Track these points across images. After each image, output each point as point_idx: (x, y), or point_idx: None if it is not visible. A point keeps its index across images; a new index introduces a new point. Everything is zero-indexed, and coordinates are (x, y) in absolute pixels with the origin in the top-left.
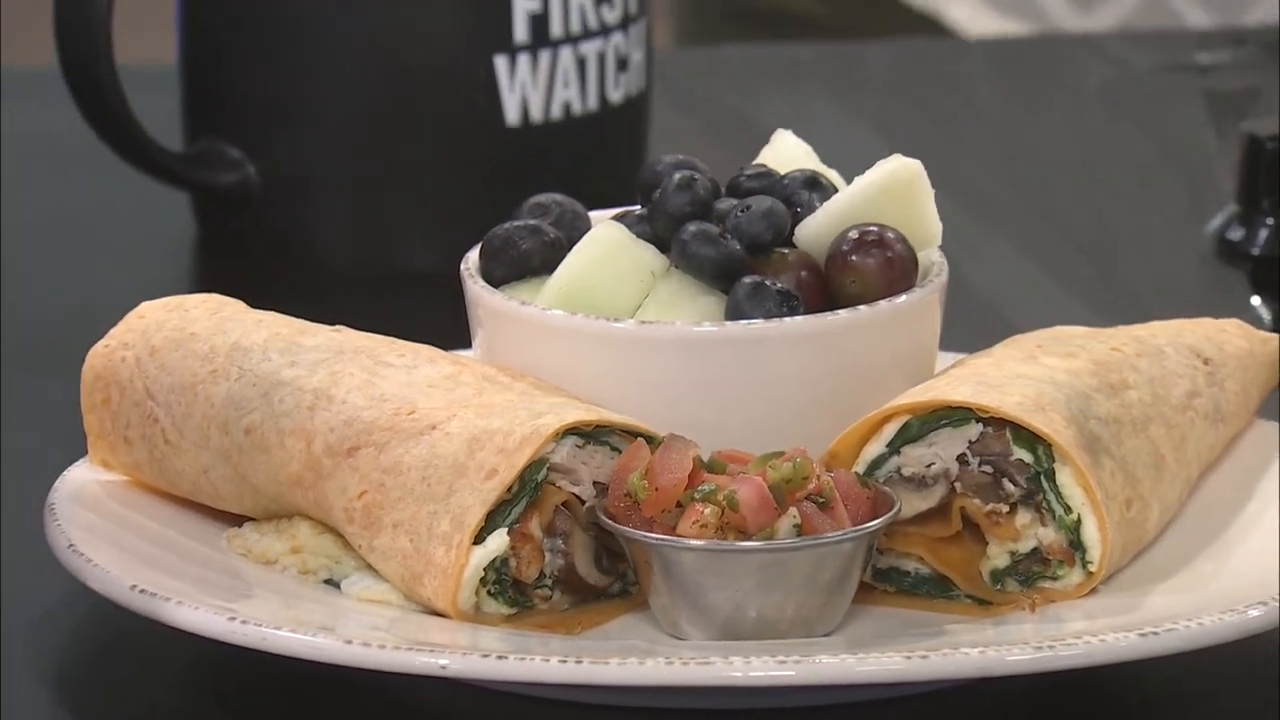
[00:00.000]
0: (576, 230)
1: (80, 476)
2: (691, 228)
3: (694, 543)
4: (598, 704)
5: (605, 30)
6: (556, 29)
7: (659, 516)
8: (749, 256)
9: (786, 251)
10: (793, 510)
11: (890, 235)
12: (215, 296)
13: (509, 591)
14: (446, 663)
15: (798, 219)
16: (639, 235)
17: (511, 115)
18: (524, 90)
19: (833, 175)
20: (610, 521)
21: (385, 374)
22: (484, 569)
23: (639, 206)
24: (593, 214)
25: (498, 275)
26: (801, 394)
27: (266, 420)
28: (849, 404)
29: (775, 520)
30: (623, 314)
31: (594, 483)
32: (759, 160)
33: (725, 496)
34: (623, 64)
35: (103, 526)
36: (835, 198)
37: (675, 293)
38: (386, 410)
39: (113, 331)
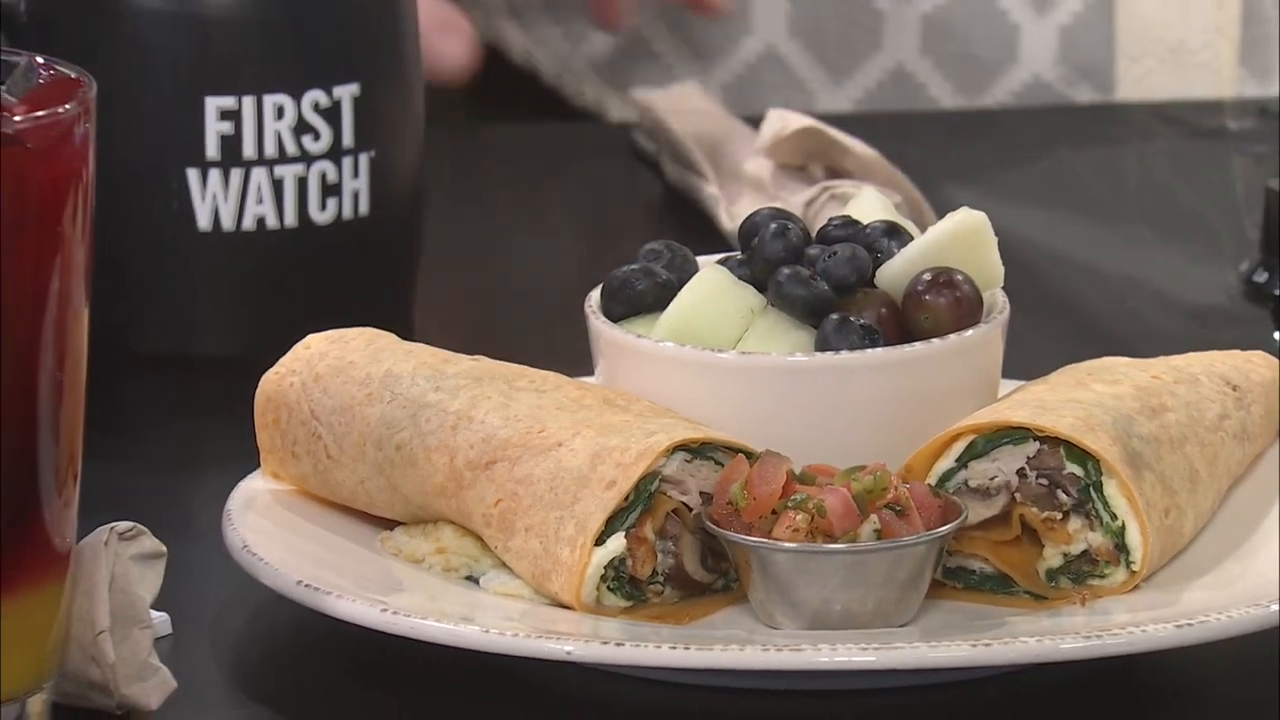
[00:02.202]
0: (685, 272)
1: (253, 487)
2: (786, 271)
3: (787, 545)
4: (703, 685)
5: (307, 157)
6: (249, 150)
7: (757, 522)
8: (836, 296)
9: (868, 291)
10: (873, 517)
11: (959, 277)
12: (371, 330)
13: (626, 587)
14: (571, 649)
15: (878, 263)
16: (740, 277)
17: (203, 222)
18: (215, 201)
19: (908, 225)
20: (714, 526)
21: (518, 397)
22: (604, 567)
23: (740, 253)
24: (700, 259)
25: (616, 312)
26: (881, 416)
27: (415, 438)
28: (922, 424)
29: (858, 526)
30: (725, 346)
31: (700, 492)
32: (845, 212)
33: (815, 505)
34: (332, 190)
35: (273, 530)
36: (911, 244)
37: (771, 327)
38: (519, 429)
39: (282, 360)
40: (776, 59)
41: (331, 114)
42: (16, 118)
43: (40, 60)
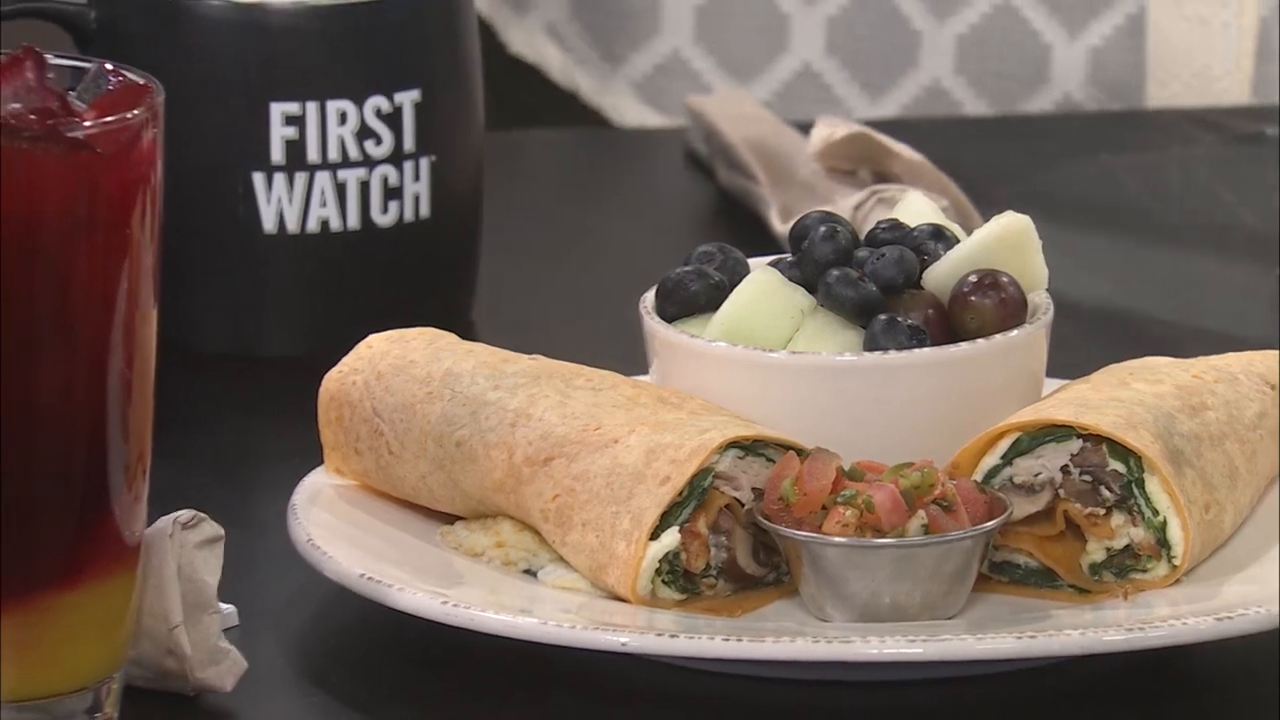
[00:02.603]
0: (737, 274)
1: (317, 482)
2: (835, 272)
3: (837, 540)
4: (755, 675)
5: (369, 162)
6: (313, 155)
7: (807, 517)
8: (884, 297)
9: (916, 293)
10: (921, 512)
11: (1004, 279)
12: (431, 330)
13: (680, 580)
14: (627, 640)
15: (925, 265)
16: (790, 279)
17: (268, 224)
18: (280, 204)
19: (955, 228)
20: (766, 521)
21: (575, 396)
22: (659, 561)
23: (790, 255)
24: (751, 261)
25: (670, 312)
26: (928, 414)
27: (474, 435)
28: (968, 422)
29: (906, 521)
30: (776, 345)
31: (752, 488)
32: (892, 215)
33: (863, 500)
34: (393, 193)
35: (336, 524)
36: (957, 247)
37: (821, 327)
38: (576, 426)
39: (345, 359)
40: (812, 76)
41: (393, 119)
42: (86, 123)
43: (110, 67)
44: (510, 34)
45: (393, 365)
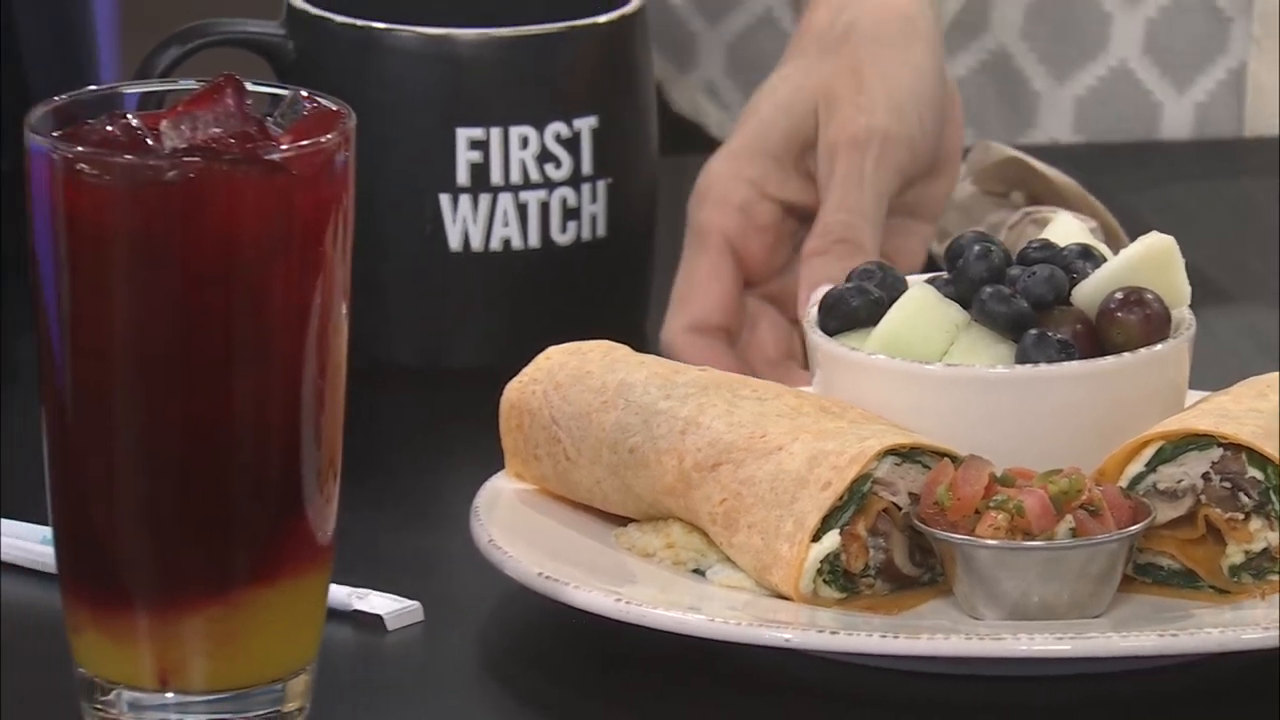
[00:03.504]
0: (896, 291)
1: (498, 486)
2: (988, 289)
3: (989, 542)
4: (910, 670)
5: (549, 184)
6: (496, 177)
7: (961, 521)
8: (1035, 313)
9: (1065, 309)
10: (1069, 516)
11: (1149, 296)
12: (607, 343)
13: (840, 580)
14: (790, 636)
15: (1074, 283)
16: (946, 295)
17: (454, 243)
18: (465, 224)
19: (1102, 248)
20: (922, 524)
21: (742, 405)
22: (820, 562)
23: (946, 273)
24: (909, 278)
25: (832, 326)
26: (1076, 424)
27: (646, 442)
28: (1114, 431)
29: (1055, 525)
30: (932, 358)
31: (909, 493)
32: (1043, 235)
33: (1014, 505)
34: (572, 213)
35: (516, 525)
36: (1105, 265)
37: (974, 342)
38: (743, 434)
39: (525, 370)
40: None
41: (572, 144)
42: (283, 146)
43: (305, 94)
44: (674, 93)
45: (570, 376)
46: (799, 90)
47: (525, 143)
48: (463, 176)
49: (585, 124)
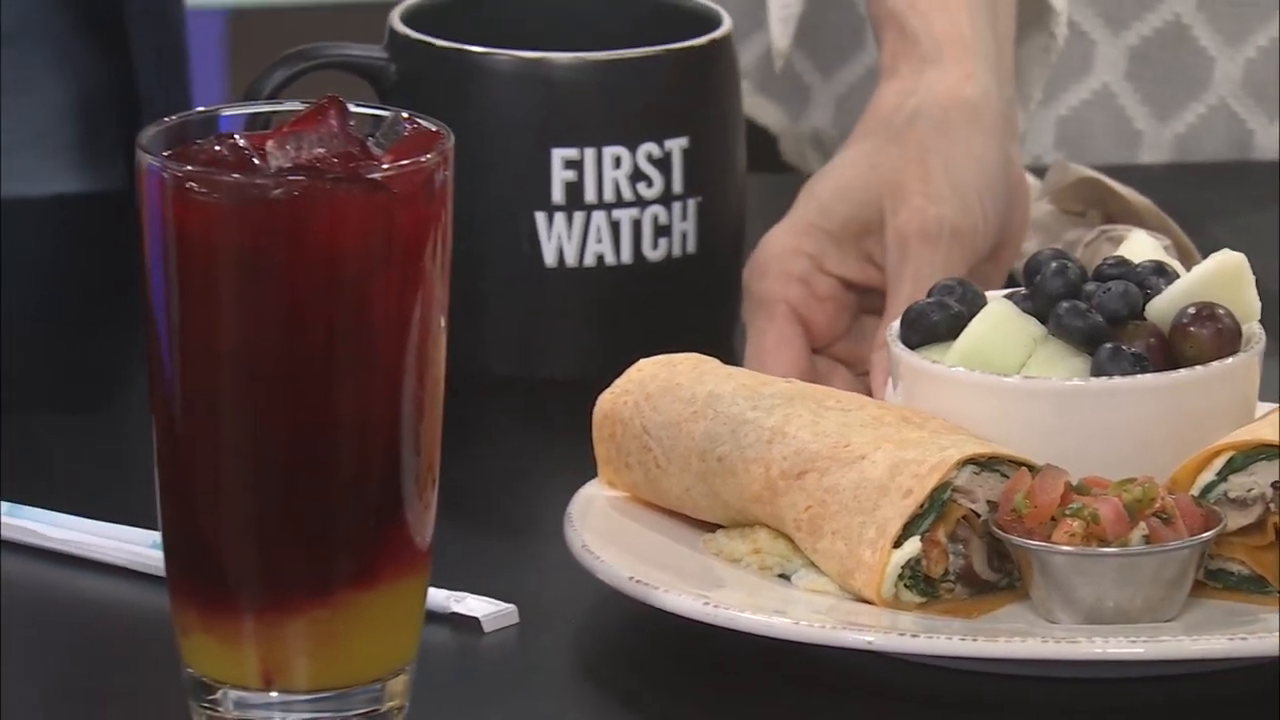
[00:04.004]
0: (975, 306)
1: (591, 493)
2: (1065, 305)
3: (1065, 548)
4: (989, 673)
5: (641, 202)
6: (590, 196)
7: (1038, 528)
8: (1109, 327)
9: (1139, 324)
10: (1142, 524)
11: (1220, 311)
12: (696, 355)
13: (921, 585)
14: (872, 639)
15: (1148, 298)
16: (1023, 310)
17: (549, 259)
18: (560, 240)
19: (1175, 264)
20: (1000, 531)
21: (826, 415)
22: (901, 567)
23: (1023, 288)
24: (988, 294)
25: (914, 340)
26: (1149, 434)
27: (734, 451)
28: (1186, 442)
29: (1129, 532)
30: (1010, 371)
31: (987, 501)
32: (1118, 253)
33: (1090, 513)
34: (663, 231)
35: (608, 531)
36: (1177, 282)
37: (1051, 355)
38: (827, 443)
39: (617, 381)
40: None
41: (663, 164)
42: (384, 166)
43: (405, 115)
44: (784, 143)
45: (661, 387)
46: (862, 176)
47: (618, 162)
48: (558, 195)
49: (676, 144)
